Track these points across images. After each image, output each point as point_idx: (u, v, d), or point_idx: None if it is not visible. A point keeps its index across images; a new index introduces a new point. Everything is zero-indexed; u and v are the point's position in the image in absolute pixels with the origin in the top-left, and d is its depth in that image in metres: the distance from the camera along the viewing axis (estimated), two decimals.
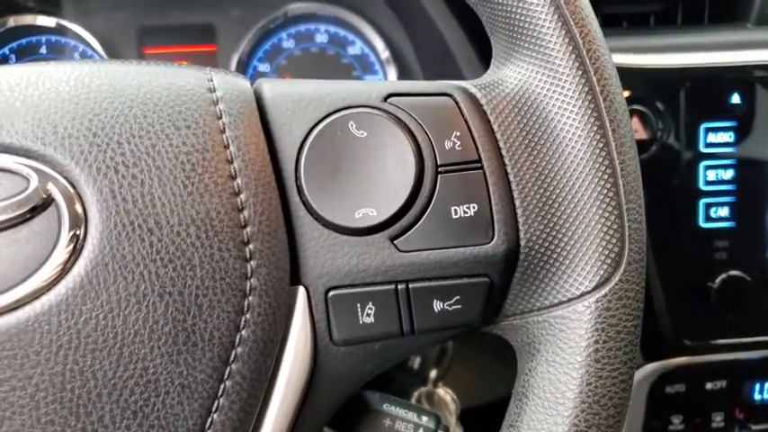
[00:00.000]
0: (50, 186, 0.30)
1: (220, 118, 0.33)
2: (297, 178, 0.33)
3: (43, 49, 0.78)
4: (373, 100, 0.34)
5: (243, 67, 0.80)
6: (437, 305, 0.34)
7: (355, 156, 0.34)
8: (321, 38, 0.82)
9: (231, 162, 0.32)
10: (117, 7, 0.78)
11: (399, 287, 0.33)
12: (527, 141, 0.34)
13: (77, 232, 0.30)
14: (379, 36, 0.81)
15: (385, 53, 0.80)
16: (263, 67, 0.82)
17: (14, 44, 0.77)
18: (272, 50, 0.81)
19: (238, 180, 0.32)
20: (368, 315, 0.33)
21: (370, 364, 0.35)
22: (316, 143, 0.34)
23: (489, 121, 0.35)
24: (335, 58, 0.82)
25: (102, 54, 0.77)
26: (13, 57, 0.77)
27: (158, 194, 0.31)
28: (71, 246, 0.30)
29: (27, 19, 0.75)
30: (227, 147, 0.32)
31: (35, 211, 0.30)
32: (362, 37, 0.81)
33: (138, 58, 0.79)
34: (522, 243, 0.34)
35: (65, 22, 0.76)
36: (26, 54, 0.77)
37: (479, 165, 0.34)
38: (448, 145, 0.34)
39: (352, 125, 0.34)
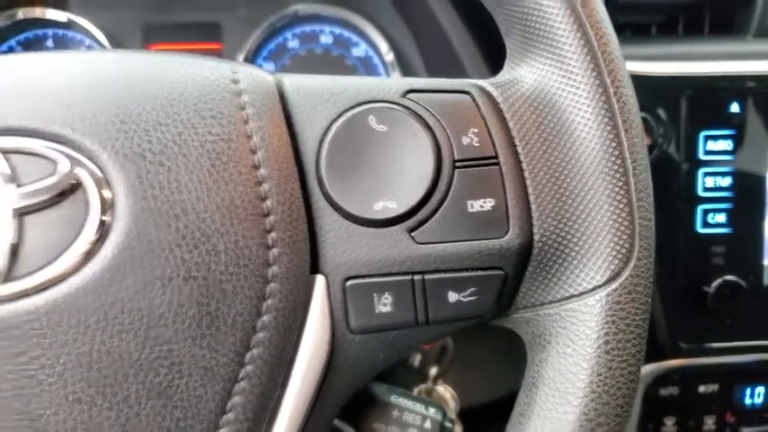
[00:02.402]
0: (78, 171, 0.31)
1: (244, 109, 0.34)
2: (318, 170, 0.34)
3: (50, 43, 0.78)
4: (393, 95, 0.35)
5: None
6: (452, 296, 0.34)
7: (375, 149, 0.34)
8: (326, 39, 0.83)
9: (255, 152, 0.33)
10: (124, 3, 0.79)
11: (415, 278, 0.34)
12: (542, 139, 0.35)
13: (104, 217, 0.31)
14: (384, 38, 0.81)
15: (389, 55, 0.81)
16: (268, 67, 0.82)
17: (22, 36, 0.77)
18: (276, 50, 0.82)
19: (262, 170, 0.33)
20: (384, 304, 0.34)
21: (383, 353, 0.36)
22: (336, 136, 0.34)
23: (505, 118, 0.36)
24: (339, 60, 0.83)
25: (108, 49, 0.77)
26: (19, 49, 0.78)
27: (185, 181, 0.31)
28: (98, 229, 0.30)
29: (36, 12, 0.76)
30: (250, 137, 0.33)
31: (63, 195, 0.31)
32: (367, 39, 0.82)
33: None
34: (536, 238, 0.35)
35: (73, 17, 0.77)
36: (32, 47, 0.78)
37: (496, 161, 0.35)
38: (465, 141, 0.35)
39: (372, 119, 0.34)
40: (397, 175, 0.34)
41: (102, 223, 0.30)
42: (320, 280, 0.34)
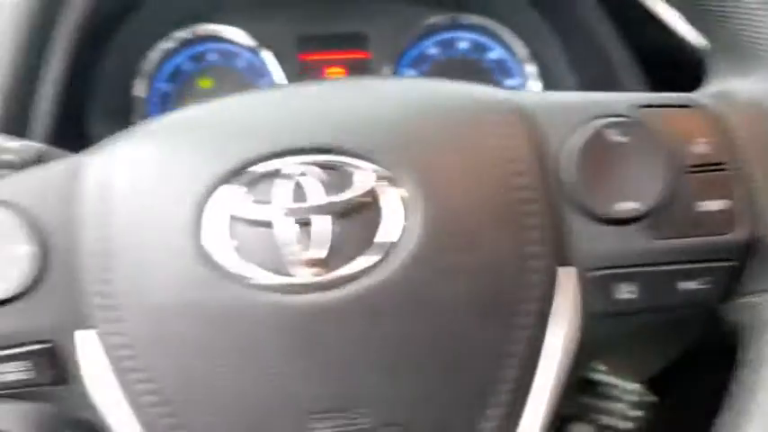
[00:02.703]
0: (378, 181, 0.37)
1: (500, 127, 0.39)
2: (565, 176, 0.39)
3: (214, 56, 0.86)
4: (629, 109, 0.40)
5: (393, 73, 0.87)
6: (684, 285, 0.39)
7: (614, 157, 0.39)
8: (462, 45, 0.88)
9: (513, 162, 0.38)
10: (279, 18, 0.86)
11: (651, 269, 0.39)
12: (762, 144, 0.40)
13: (401, 221, 0.37)
14: (520, 41, 0.86)
15: (527, 59, 0.86)
16: (410, 73, 0.88)
17: (193, 50, 0.85)
18: (418, 58, 0.88)
19: (519, 179, 0.38)
20: (623, 292, 0.39)
21: (614, 337, 0.41)
22: (579, 146, 0.39)
23: (726, 127, 0.40)
24: (476, 63, 0.88)
25: (266, 60, 0.84)
26: (188, 62, 0.85)
27: (462, 190, 0.37)
28: (399, 230, 0.37)
29: (207, 29, 0.84)
30: (509, 151, 0.39)
31: (367, 201, 0.37)
32: (503, 43, 0.87)
33: (296, 63, 0.86)
34: (762, 232, 0.39)
35: (237, 31, 0.84)
36: (200, 60, 0.85)
37: (722, 166, 0.39)
38: (693, 149, 0.39)
39: (611, 131, 0.39)
40: (636, 180, 0.39)
41: (401, 227, 0.37)
42: (571, 271, 0.39)
